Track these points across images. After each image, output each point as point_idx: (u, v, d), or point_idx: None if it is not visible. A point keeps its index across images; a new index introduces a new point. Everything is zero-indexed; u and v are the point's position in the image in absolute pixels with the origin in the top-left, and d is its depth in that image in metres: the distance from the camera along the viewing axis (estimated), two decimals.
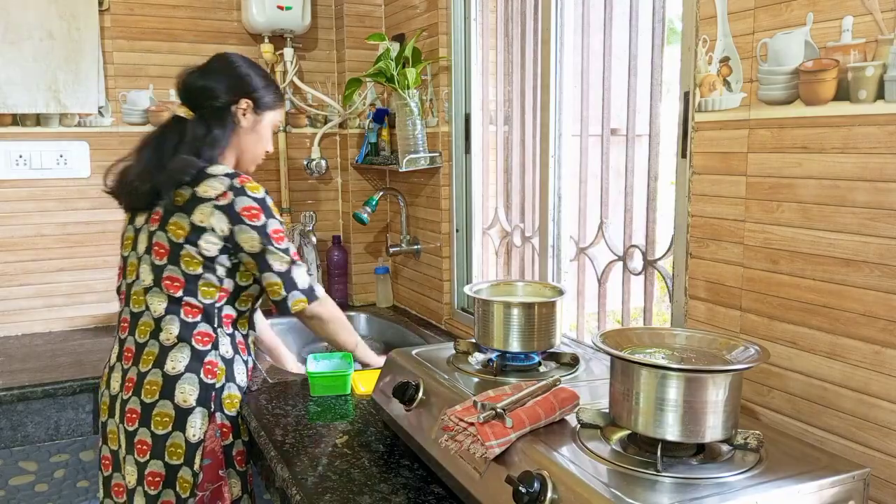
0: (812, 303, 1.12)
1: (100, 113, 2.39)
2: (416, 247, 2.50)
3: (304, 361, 1.89)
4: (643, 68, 1.56)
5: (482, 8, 2.14)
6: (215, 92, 1.62)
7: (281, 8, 2.43)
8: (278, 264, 1.57)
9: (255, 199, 1.55)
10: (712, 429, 0.96)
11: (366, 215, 2.41)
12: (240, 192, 1.54)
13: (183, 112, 1.63)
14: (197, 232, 1.53)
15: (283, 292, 1.58)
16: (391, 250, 2.53)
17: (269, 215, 1.57)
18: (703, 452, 1.00)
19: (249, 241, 1.54)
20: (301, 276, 1.61)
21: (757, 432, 1.00)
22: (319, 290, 1.65)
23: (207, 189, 1.53)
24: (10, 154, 2.31)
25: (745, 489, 0.89)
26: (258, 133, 1.69)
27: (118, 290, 1.68)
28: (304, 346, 2.46)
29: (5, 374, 1.99)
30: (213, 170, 1.57)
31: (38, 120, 2.33)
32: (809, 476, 0.92)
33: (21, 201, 2.34)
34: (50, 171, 2.36)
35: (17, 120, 2.31)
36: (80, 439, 1.99)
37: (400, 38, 2.42)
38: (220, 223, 1.52)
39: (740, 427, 1.00)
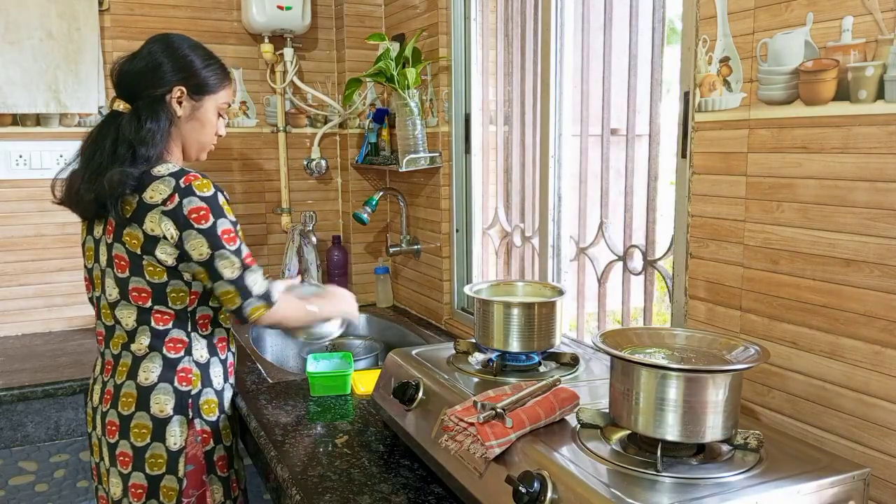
0: (812, 303, 1.12)
1: (100, 113, 2.39)
2: (416, 247, 2.50)
3: (304, 362, 1.89)
4: (643, 68, 1.56)
5: (482, 8, 2.14)
6: (147, 78, 1.49)
7: (281, 8, 2.43)
8: (229, 271, 1.44)
9: (203, 199, 1.43)
10: (712, 429, 0.96)
11: (366, 215, 2.41)
12: (186, 192, 1.42)
13: (120, 106, 1.51)
14: (151, 241, 1.43)
15: (239, 301, 1.46)
16: (391, 250, 2.53)
17: (219, 214, 1.44)
18: (703, 452, 1.00)
19: (198, 247, 1.42)
20: (256, 282, 1.48)
21: (757, 432, 1.00)
22: (276, 292, 1.52)
23: (154, 194, 1.42)
24: (10, 154, 2.31)
25: (745, 489, 0.89)
26: (199, 120, 1.55)
27: (90, 300, 1.61)
28: (304, 345, 2.46)
29: (5, 374, 1.99)
30: (157, 170, 1.45)
31: (38, 120, 2.33)
32: (809, 476, 0.92)
33: (21, 201, 2.34)
34: (50, 171, 2.35)
35: (17, 120, 2.31)
36: (80, 439, 1.99)
37: (400, 38, 2.42)
38: (170, 230, 1.41)
39: (740, 427, 1.00)
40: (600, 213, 1.72)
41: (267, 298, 1.50)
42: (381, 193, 2.46)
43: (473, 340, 1.45)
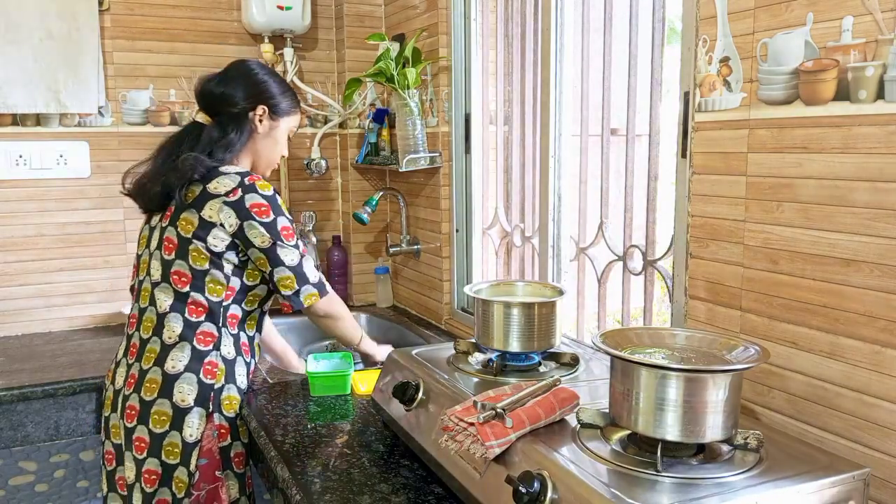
0: (812, 303, 1.12)
1: (100, 113, 2.39)
2: (416, 247, 2.50)
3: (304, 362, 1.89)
4: (643, 68, 1.56)
5: (482, 8, 2.14)
6: (233, 99, 1.65)
7: (281, 8, 2.43)
8: (289, 258, 1.57)
9: (264, 197, 1.56)
10: (712, 429, 0.96)
11: (366, 215, 2.41)
12: (249, 189, 1.56)
13: (201, 118, 1.67)
14: (205, 227, 1.54)
15: (296, 286, 1.58)
16: (391, 250, 2.53)
17: (279, 213, 1.58)
18: (703, 452, 1.00)
19: (259, 236, 1.55)
20: (312, 270, 1.62)
21: (757, 432, 1.00)
22: (328, 286, 1.66)
23: (218, 186, 1.55)
24: (10, 154, 2.31)
25: (745, 489, 0.89)
26: (274, 138, 1.72)
27: (131, 289, 1.70)
28: (304, 345, 2.46)
29: (5, 374, 1.99)
30: (225, 168, 1.59)
31: (38, 120, 2.33)
32: (809, 476, 0.92)
33: (21, 201, 2.34)
34: (50, 171, 2.36)
35: (17, 120, 2.31)
36: (80, 439, 1.99)
37: (400, 38, 2.42)
38: (229, 218, 1.54)
39: (740, 427, 1.00)
40: (600, 213, 1.72)
41: (321, 287, 1.63)
42: (381, 193, 2.46)
43: (473, 340, 1.45)
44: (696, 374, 0.96)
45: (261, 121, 1.68)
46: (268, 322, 1.86)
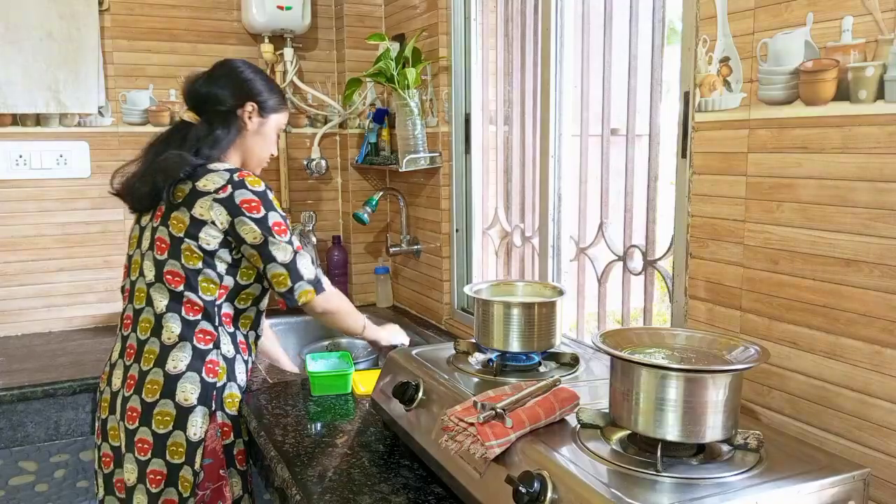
0: (812, 303, 1.12)
1: (100, 113, 2.39)
2: (416, 247, 2.50)
3: (303, 363, 1.89)
4: (643, 68, 1.56)
5: (482, 8, 2.14)
6: (220, 97, 1.65)
7: (281, 8, 2.43)
8: (282, 255, 1.55)
9: (254, 193, 1.55)
10: (712, 429, 0.96)
11: (366, 215, 2.41)
12: (239, 185, 1.55)
13: (188, 116, 1.66)
14: (197, 225, 1.53)
15: (289, 283, 1.57)
16: (391, 250, 2.53)
17: (270, 208, 1.56)
18: (703, 452, 1.00)
19: (251, 232, 1.53)
20: (307, 267, 1.59)
21: (757, 432, 1.00)
22: (326, 281, 1.65)
23: (207, 183, 1.54)
24: (10, 154, 2.31)
25: (745, 489, 0.89)
26: (263, 136, 1.71)
27: (122, 289, 1.68)
28: (303, 346, 2.46)
29: (5, 374, 1.99)
30: (214, 166, 1.58)
31: (38, 120, 2.33)
32: (809, 476, 0.92)
33: (21, 201, 2.34)
34: (50, 171, 2.36)
35: (17, 120, 2.31)
36: (80, 439, 1.99)
37: (400, 38, 2.42)
38: (220, 216, 1.53)
39: (740, 427, 1.00)
40: (600, 213, 1.72)
41: (316, 284, 1.60)
42: (381, 193, 2.46)
43: (473, 340, 1.45)
44: (696, 374, 0.96)
45: (250, 118, 1.67)
46: (264, 323, 1.85)
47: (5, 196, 2.32)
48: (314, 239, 2.64)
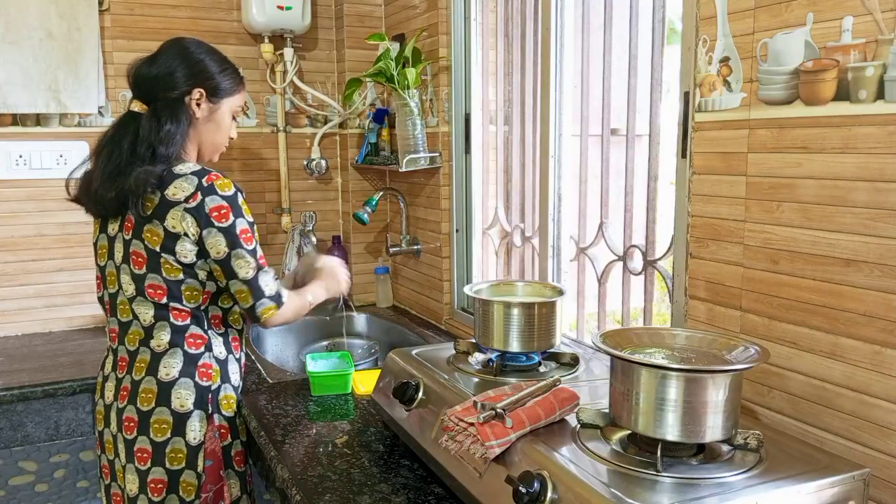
0: (812, 303, 1.12)
1: (100, 113, 2.39)
2: (416, 247, 2.50)
3: (302, 363, 1.89)
4: (643, 68, 1.56)
5: (482, 8, 2.14)
6: (166, 82, 1.54)
7: (281, 8, 2.43)
8: (244, 271, 1.50)
9: (224, 198, 1.48)
10: (712, 429, 0.96)
11: (366, 215, 2.41)
12: (208, 190, 1.47)
13: (137, 107, 1.55)
14: (171, 238, 1.48)
15: (251, 300, 1.52)
16: (391, 250, 2.53)
17: (238, 214, 1.50)
18: (703, 452, 1.00)
19: (215, 246, 1.48)
20: (268, 283, 1.54)
21: (757, 432, 1.00)
22: (284, 293, 1.58)
23: (176, 191, 1.47)
24: (10, 154, 2.31)
25: (745, 489, 0.89)
26: (216, 122, 1.61)
27: (100, 301, 1.63)
28: (303, 346, 2.47)
29: (5, 374, 1.99)
30: (179, 169, 1.50)
31: (38, 120, 2.33)
32: (809, 476, 0.92)
33: (21, 201, 2.34)
34: (50, 171, 2.35)
35: (17, 120, 2.31)
36: (80, 439, 1.99)
37: (400, 38, 2.42)
38: (191, 227, 1.47)
39: (740, 427, 1.00)
40: (600, 213, 1.72)
41: (277, 299, 1.56)
42: (381, 193, 2.46)
43: (473, 340, 1.45)
44: (696, 374, 0.96)
45: (198, 104, 1.56)
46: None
47: (5, 196, 2.32)
48: (314, 239, 2.64)
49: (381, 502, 1.19)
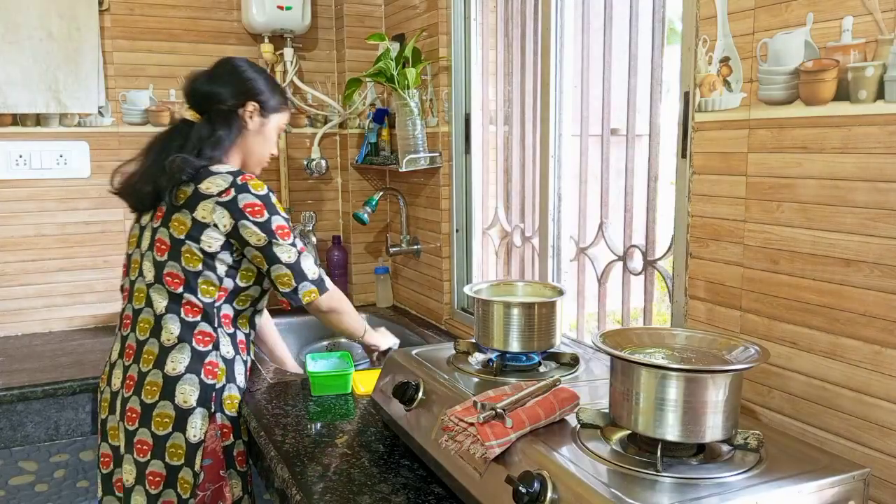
0: (812, 303, 1.12)
1: (100, 113, 2.39)
2: (416, 247, 2.50)
3: (303, 363, 1.89)
4: (643, 68, 1.56)
5: (482, 8, 2.14)
6: (222, 96, 1.65)
7: (281, 8, 2.43)
8: (286, 256, 1.56)
9: (257, 196, 1.55)
10: (712, 429, 0.96)
11: (366, 215, 2.41)
12: (242, 189, 1.54)
13: (190, 115, 1.66)
14: (198, 228, 1.53)
15: (294, 283, 1.57)
16: (391, 250, 2.53)
17: (273, 212, 1.56)
18: (703, 452, 1.00)
19: (254, 235, 1.54)
20: (310, 267, 1.60)
21: (757, 432, 1.00)
22: (329, 282, 1.65)
23: (210, 186, 1.54)
24: (10, 154, 2.31)
25: (745, 489, 0.89)
26: (264, 135, 1.71)
27: (122, 288, 1.68)
28: (303, 346, 2.47)
29: (5, 374, 1.99)
30: (216, 168, 1.58)
31: (38, 120, 2.33)
32: (809, 476, 0.92)
33: (21, 201, 2.34)
34: (50, 171, 2.36)
35: (17, 120, 2.31)
36: (80, 439, 1.99)
37: (400, 38, 2.42)
38: (223, 219, 1.53)
39: (740, 427, 1.00)
40: (600, 213, 1.72)
41: (320, 284, 1.61)
42: (381, 193, 2.46)
43: (473, 340, 1.45)
44: (696, 374, 0.96)
45: (251, 117, 1.67)
46: (264, 315, 1.85)
47: (5, 196, 2.32)
48: (314, 239, 2.64)
49: (381, 502, 1.19)
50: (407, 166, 2.24)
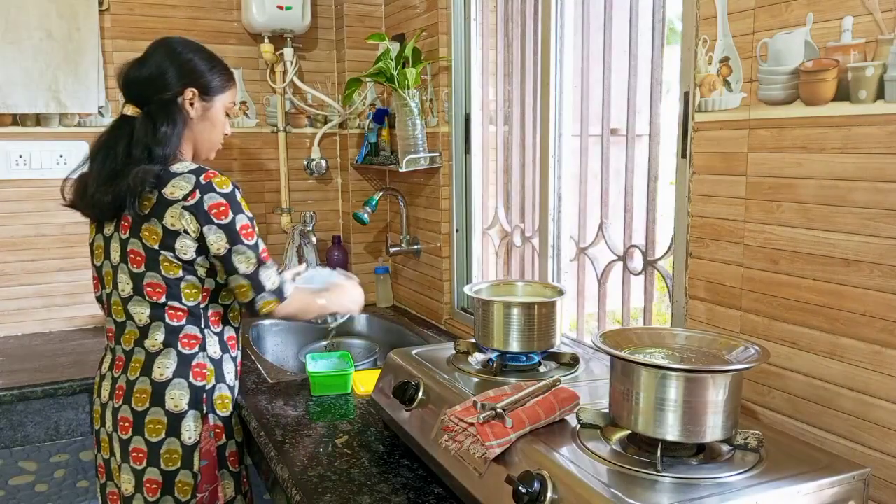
0: (812, 303, 1.12)
1: (100, 113, 2.39)
2: (416, 247, 2.50)
3: (303, 363, 1.89)
4: (643, 68, 1.56)
5: (482, 8, 2.14)
6: (157, 83, 1.53)
7: (281, 8, 2.43)
8: (244, 266, 1.50)
9: (222, 195, 1.48)
10: (712, 429, 0.96)
11: (366, 215, 2.41)
12: (207, 188, 1.47)
13: (129, 110, 1.56)
14: (171, 236, 1.48)
15: (252, 294, 1.52)
16: (391, 250, 2.53)
17: (237, 210, 1.50)
18: (703, 452, 1.00)
19: (216, 242, 1.48)
20: (269, 278, 1.54)
21: (757, 432, 1.00)
22: (288, 288, 1.58)
23: (174, 190, 1.47)
24: (10, 154, 2.31)
25: (745, 489, 0.89)
26: (210, 120, 1.61)
27: (98, 300, 1.64)
28: (302, 346, 2.47)
29: (5, 374, 1.99)
30: (176, 168, 1.50)
31: (38, 120, 2.33)
32: (809, 476, 0.92)
33: (21, 201, 2.34)
34: (50, 171, 2.35)
35: (17, 120, 2.31)
36: (80, 439, 1.99)
37: (400, 38, 2.42)
38: (191, 224, 1.47)
39: (740, 427, 1.00)
40: (600, 213, 1.72)
41: (279, 293, 1.56)
42: (381, 193, 2.46)
43: (473, 340, 1.45)
44: (696, 374, 0.96)
45: (192, 104, 1.56)
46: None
47: (5, 196, 2.32)
48: (314, 239, 2.64)
49: (381, 502, 1.19)
50: (407, 166, 2.24)
